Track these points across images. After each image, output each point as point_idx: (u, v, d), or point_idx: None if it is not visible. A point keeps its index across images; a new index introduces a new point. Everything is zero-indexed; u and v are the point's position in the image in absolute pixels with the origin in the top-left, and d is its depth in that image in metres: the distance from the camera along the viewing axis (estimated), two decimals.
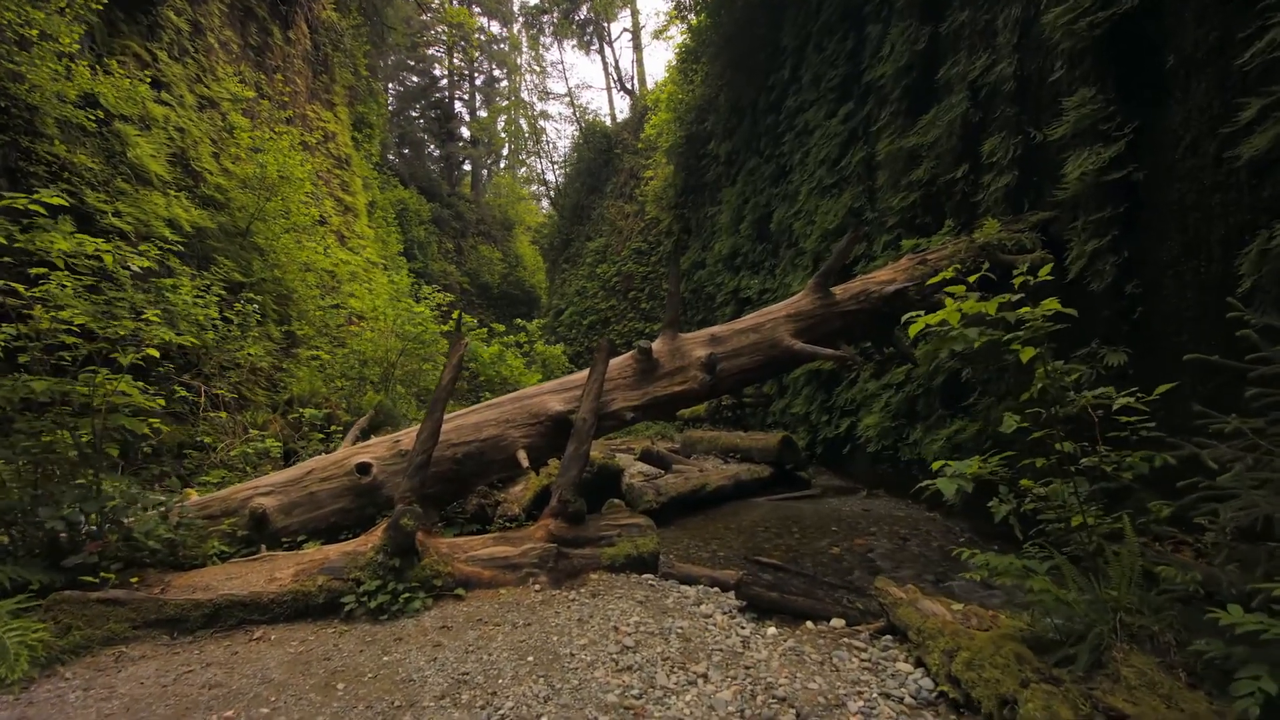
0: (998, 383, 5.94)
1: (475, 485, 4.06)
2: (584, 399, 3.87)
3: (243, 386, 9.05)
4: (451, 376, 3.59)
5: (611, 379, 4.14)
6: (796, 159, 11.78)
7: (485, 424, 3.98)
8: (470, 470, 3.91)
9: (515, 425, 3.98)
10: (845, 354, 4.18)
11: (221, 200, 9.52)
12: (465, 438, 3.92)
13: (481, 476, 3.96)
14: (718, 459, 9.91)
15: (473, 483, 3.98)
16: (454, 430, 3.95)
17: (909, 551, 5.12)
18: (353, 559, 3.13)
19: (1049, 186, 5.47)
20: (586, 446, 3.81)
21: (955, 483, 2.79)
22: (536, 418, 4.00)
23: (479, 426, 3.97)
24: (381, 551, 3.08)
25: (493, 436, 3.94)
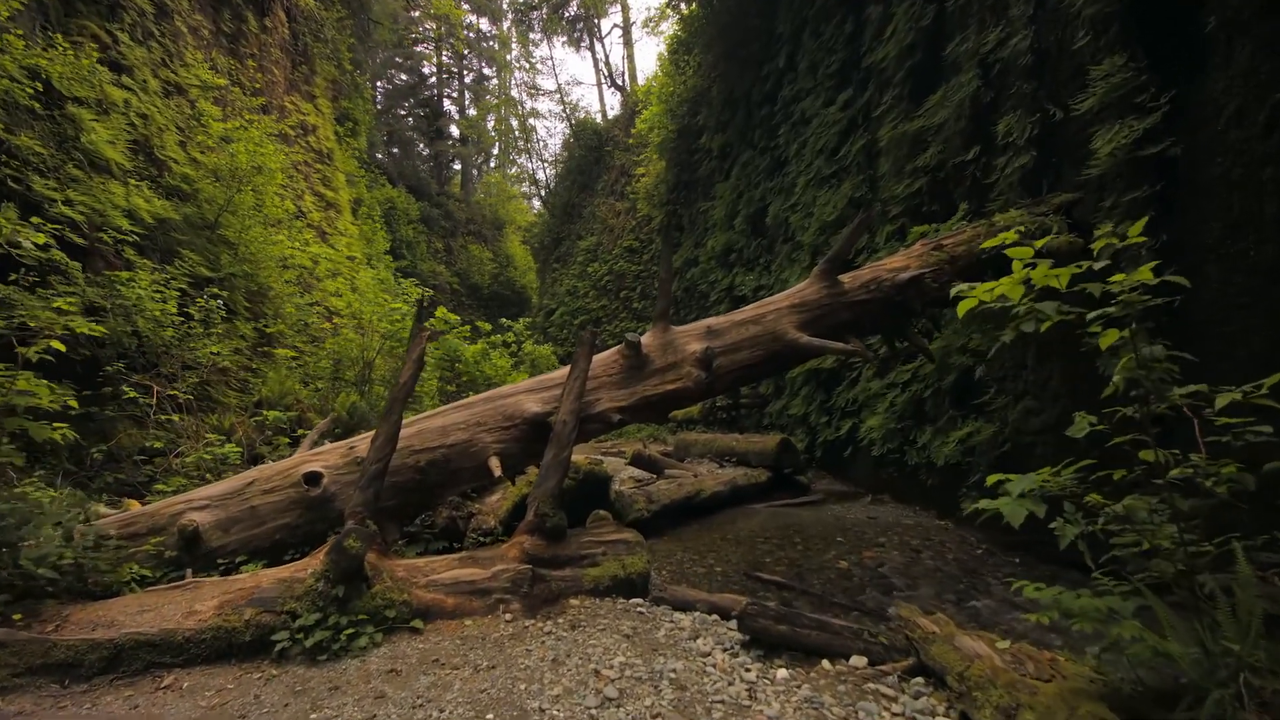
0: (1014, 380, 5.53)
1: (442, 496, 3.59)
2: (564, 399, 3.42)
3: (211, 387, 8.55)
4: (411, 374, 3.13)
5: (595, 377, 3.69)
6: (793, 150, 11.36)
7: (452, 427, 3.51)
8: (435, 480, 3.45)
9: (487, 429, 3.52)
10: (855, 348, 3.74)
11: (188, 191, 9.00)
12: (429, 443, 3.46)
13: (449, 487, 3.50)
14: (713, 463, 9.47)
15: (439, 494, 3.52)
16: (416, 435, 3.48)
17: (923, 565, 4.68)
18: (288, 587, 2.65)
19: (1070, 168, 5.06)
20: (567, 453, 3.36)
21: (1022, 506, 2.29)
22: (511, 420, 3.54)
23: (445, 430, 3.50)
24: (322, 579, 2.60)
25: (461, 441, 3.48)
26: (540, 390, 3.66)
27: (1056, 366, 5.11)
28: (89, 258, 7.10)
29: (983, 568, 4.64)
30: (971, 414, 5.95)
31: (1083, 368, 4.86)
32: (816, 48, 10.49)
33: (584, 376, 3.48)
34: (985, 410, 5.69)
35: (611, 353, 3.84)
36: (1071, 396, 4.91)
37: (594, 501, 5.22)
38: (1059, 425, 4.98)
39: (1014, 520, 2.20)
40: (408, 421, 3.59)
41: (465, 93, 44.10)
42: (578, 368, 3.47)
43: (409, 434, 3.47)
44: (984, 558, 4.91)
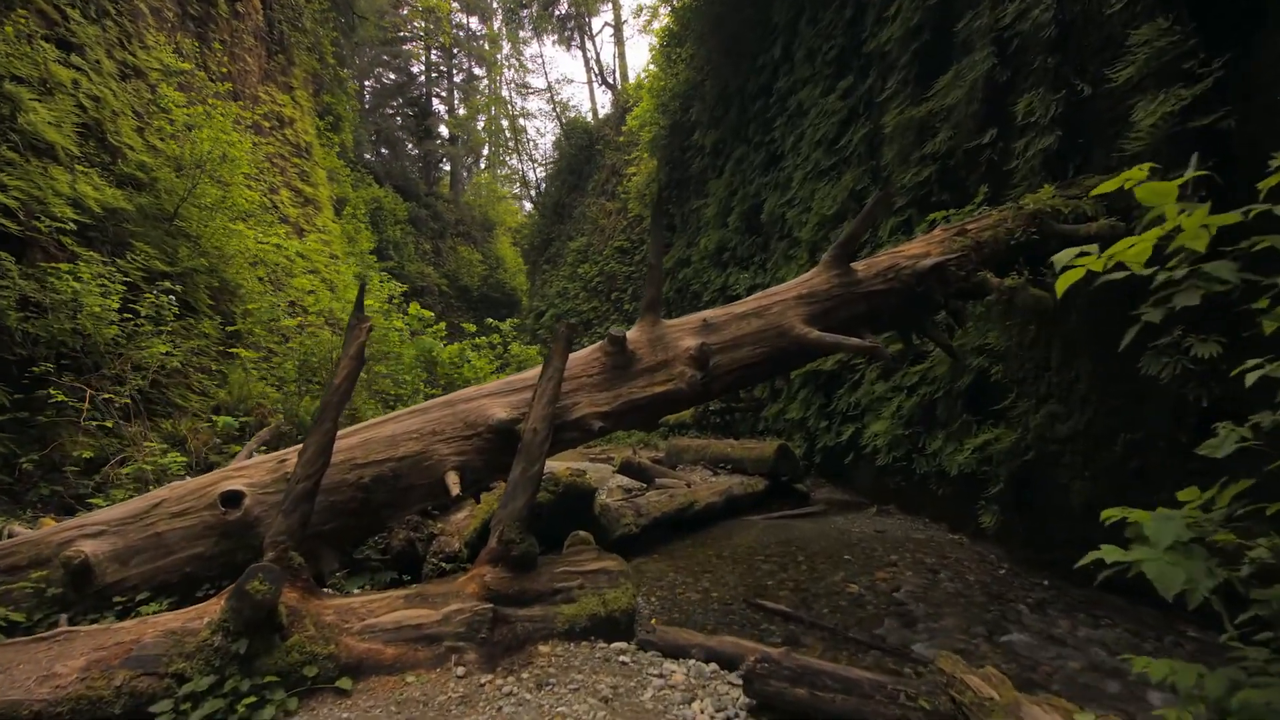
0: (1036, 383, 5.05)
1: (392, 518, 3.06)
2: (534, 403, 2.90)
3: (167, 390, 7.96)
4: (347, 374, 2.60)
5: (573, 377, 3.17)
6: (789, 143, 10.90)
7: (403, 437, 2.97)
8: (382, 499, 2.91)
9: (445, 438, 2.99)
10: (872, 345, 3.24)
11: (144, 180, 8.41)
12: (375, 455, 2.92)
13: (399, 507, 2.97)
14: (706, 470, 8.95)
15: (386, 515, 2.98)
16: (360, 446, 2.94)
17: (943, 589, 4.18)
18: (178, 641, 2.10)
19: (1100, 148, 4.59)
20: (538, 467, 2.84)
21: (1177, 567, 1.63)
22: (473, 428, 3.01)
23: (394, 441, 2.96)
24: (220, 630, 2.07)
25: (413, 454, 2.94)
26: (508, 393, 3.13)
27: (1085, 367, 4.63)
28: (26, 248, 6.52)
29: (1009, 591, 4.15)
30: (988, 419, 5.47)
31: (1115, 367, 4.39)
32: (814, 35, 10.04)
33: (559, 377, 2.96)
34: (1004, 415, 5.21)
35: (592, 350, 3.32)
36: (1103, 400, 4.43)
37: (575, 518, 4.69)
38: (1089, 432, 4.50)
39: (1166, 588, 1.56)
40: (350, 430, 3.06)
41: (455, 92, 43.57)
42: (551, 367, 2.95)
43: (350, 445, 2.94)
44: (1008, 579, 4.42)
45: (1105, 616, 3.75)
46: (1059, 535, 4.59)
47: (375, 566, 3.38)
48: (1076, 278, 1.62)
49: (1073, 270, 1.61)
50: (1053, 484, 4.69)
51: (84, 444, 6.09)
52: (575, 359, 3.28)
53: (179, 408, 8.04)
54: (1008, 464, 4.97)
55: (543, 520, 4.47)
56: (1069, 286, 1.67)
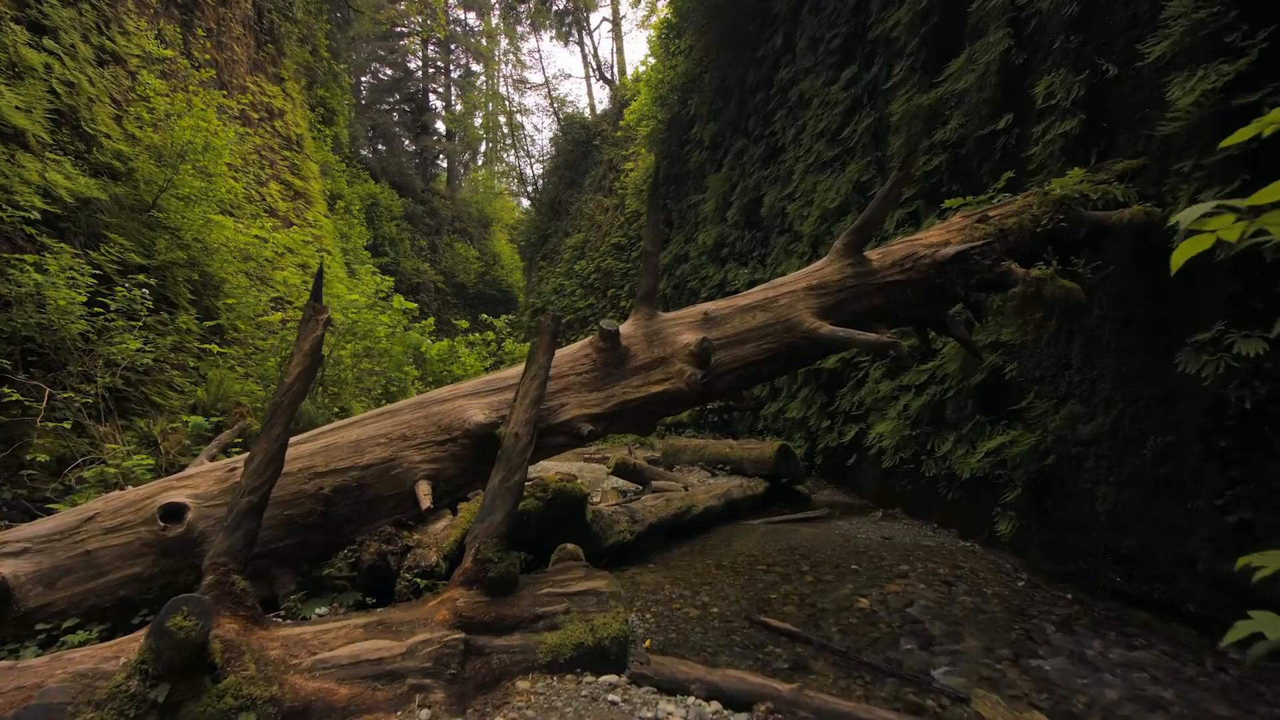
0: (1055, 381, 4.76)
1: (356, 534, 2.75)
2: (515, 405, 2.60)
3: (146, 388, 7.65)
4: (300, 371, 2.29)
5: (561, 375, 2.86)
6: (790, 135, 10.60)
7: (370, 442, 2.66)
8: (346, 512, 2.60)
9: (416, 443, 2.68)
10: (891, 340, 2.94)
11: (121, 169, 8.09)
12: (337, 464, 2.61)
13: (363, 521, 2.66)
14: (704, 471, 8.67)
15: (350, 530, 2.67)
16: (320, 453, 2.63)
17: (960, 604, 3.89)
18: (88, 686, 1.78)
19: (1126, 131, 4.29)
20: (520, 476, 2.54)
21: None
22: (448, 432, 2.70)
23: (359, 446, 2.66)
24: (137, 674, 1.76)
25: (380, 461, 2.63)
26: (488, 393, 2.82)
27: (1109, 364, 4.34)
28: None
29: (1031, 606, 3.86)
30: (1002, 420, 5.18)
31: (1143, 365, 4.10)
32: (817, 24, 9.73)
33: (543, 375, 2.66)
34: (1021, 416, 4.92)
35: (581, 345, 3.01)
36: (1130, 400, 4.14)
37: (566, 525, 4.40)
38: (1115, 434, 4.21)
39: None
40: (309, 435, 2.75)
41: (452, 87, 43.24)
42: (535, 364, 2.64)
43: (309, 452, 2.63)
44: (1029, 593, 4.13)
45: (1137, 636, 3.46)
46: (1081, 545, 4.31)
47: (340, 585, 3.08)
48: (1202, 247, 1.30)
49: (1200, 237, 1.28)
50: (1074, 490, 4.40)
51: (44, 445, 5.79)
52: (562, 356, 2.98)
53: (158, 407, 7.73)
54: (1025, 468, 4.68)
55: (530, 529, 4.18)
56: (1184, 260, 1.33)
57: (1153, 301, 3.97)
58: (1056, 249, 3.53)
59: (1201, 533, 3.60)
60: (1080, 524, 4.32)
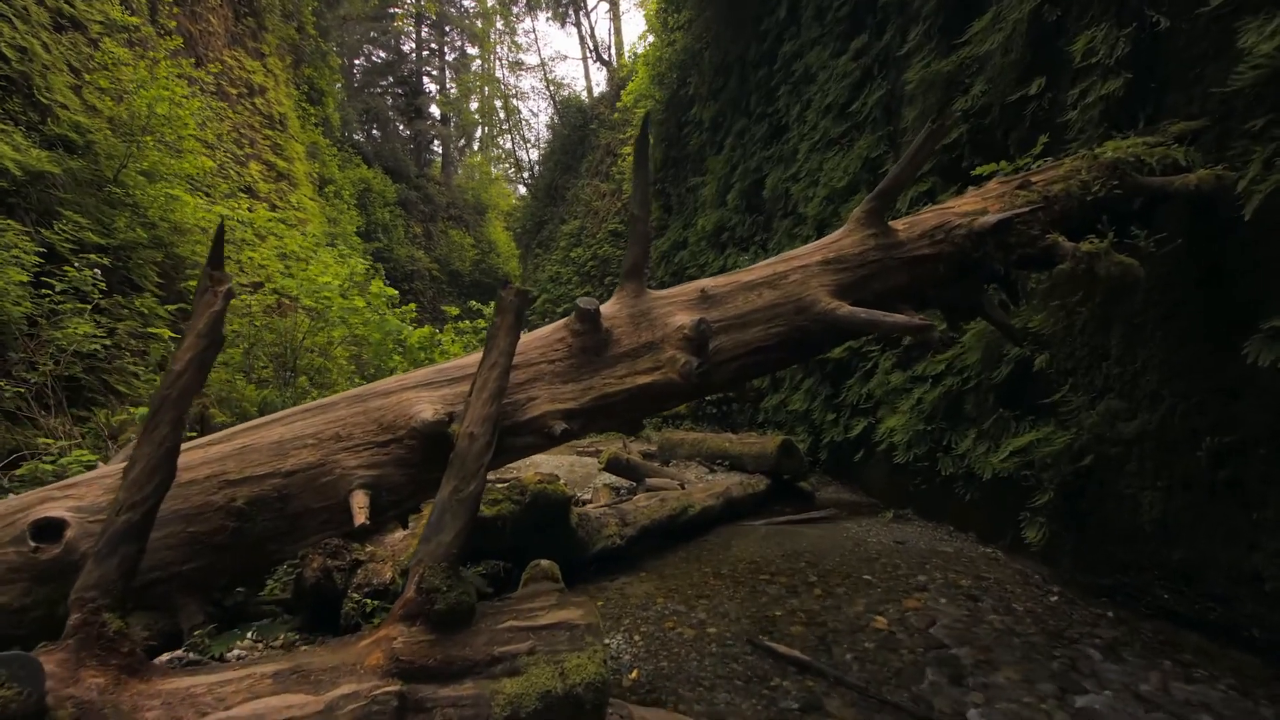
0: (1091, 373, 4.29)
1: (280, 554, 2.26)
2: (471, 399, 2.12)
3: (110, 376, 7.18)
4: (191, 357, 1.81)
5: (530, 363, 2.39)
6: (794, 113, 10.08)
7: (295, 444, 2.19)
8: (264, 529, 2.13)
9: (352, 445, 2.21)
10: (924, 323, 2.46)
11: (79, 142, 7.56)
12: (254, 469, 2.14)
13: (288, 539, 2.18)
14: (702, 466, 8.22)
15: (272, 550, 2.19)
16: (235, 457, 2.15)
17: (989, 624, 3.43)
18: None
19: (1179, 92, 3.80)
20: (475, 485, 2.07)
21: None
22: (391, 431, 2.22)
23: (282, 449, 2.18)
24: None
25: (307, 467, 2.16)
26: (442, 384, 2.34)
27: (1154, 354, 3.87)
28: None
29: (1069, 627, 3.41)
30: (1029, 416, 4.72)
31: (1195, 355, 3.64)
32: None
33: (506, 363, 2.19)
34: (1051, 412, 4.45)
35: (554, 328, 2.53)
36: (1180, 395, 3.67)
37: (546, 532, 3.94)
38: (1162, 434, 3.75)
39: None
40: (225, 435, 2.28)
41: (446, 70, 42.48)
42: (495, 349, 2.17)
43: (221, 455, 2.15)
44: (1064, 609, 3.68)
45: (1196, 665, 3.01)
46: (1122, 556, 3.85)
47: (271, 611, 2.63)
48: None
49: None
50: (1114, 494, 3.94)
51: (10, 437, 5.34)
52: (531, 340, 2.50)
53: (121, 396, 7.27)
54: (1057, 469, 4.21)
55: (505, 536, 3.72)
56: None
57: (1211, 283, 3.51)
58: (1118, 219, 3.05)
59: (1270, 546, 3.14)
60: (1121, 532, 3.86)
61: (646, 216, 2.57)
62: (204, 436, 2.27)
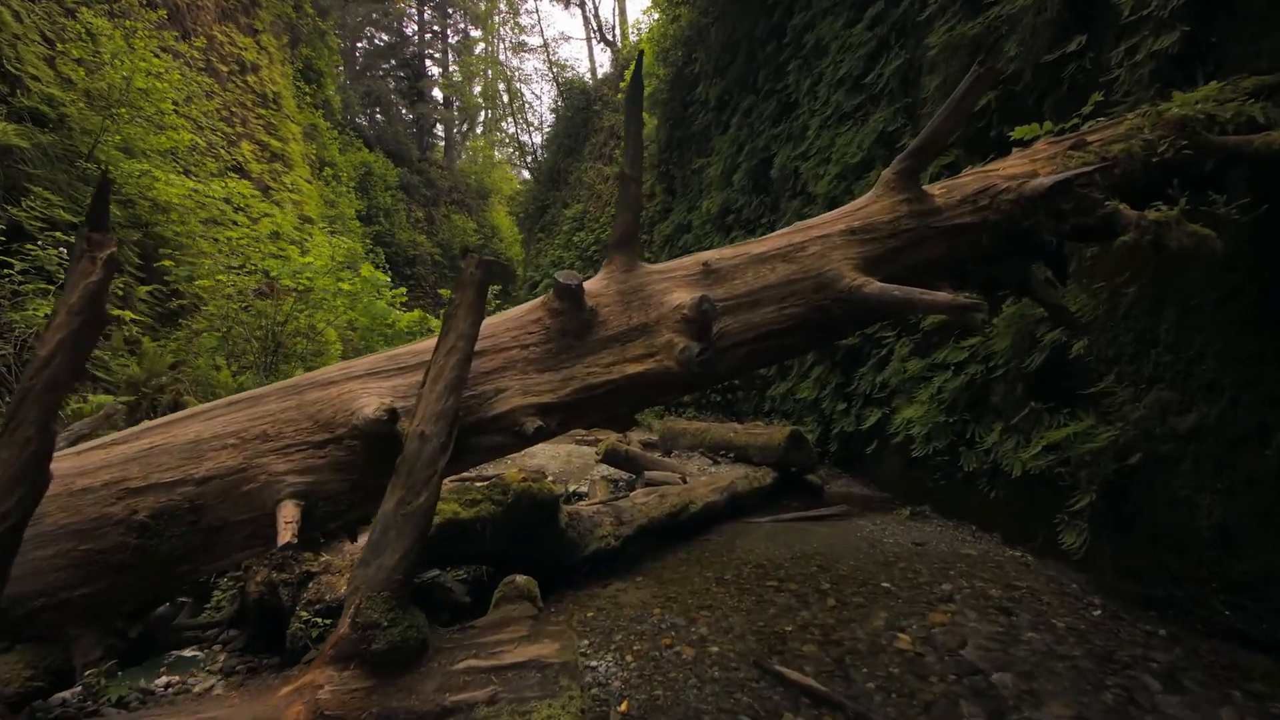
0: (1137, 361, 3.87)
1: (193, 575, 1.88)
2: (424, 391, 1.75)
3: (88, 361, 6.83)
4: (62, 340, 1.44)
5: (500, 348, 2.00)
6: (805, 88, 9.60)
7: (213, 444, 1.81)
8: (174, 546, 1.77)
9: (281, 446, 1.84)
10: (971, 301, 2.05)
11: (51, 115, 7.17)
12: (161, 475, 1.77)
13: (203, 558, 1.81)
14: (705, 457, 7.85)
15: (184, 570, 1.82)
16: (139, 459, 1.78)
17: (1028, 644, 3.05)
18: None
19: (1242, 46, 3.36)
20: (427, 497, 1.70)
21: None
22: (329, 429, 1.85)
23: (197, 451, 1.81)
24: None
25: (226, 472, 1.79)
26: (393, 372, 1.96)
27: (1212, 341, 3.45)
28: None
29: (1119, 647, 3.03)
30: (1064, 408, 4.31)
31: (1262, 342, 3.23)
32: None
33: (466, 348, 1.80)
34: (1092, 403, 4.04)
35: (529, 307, 2.14)
36: (1244, 386, 3.26)
37: (533, 533, 3.58)
38: (1221, 429, 3.34)
39: None
40: (132, 433, 1.91)
41: (449, 53, 41.88)
42: (453, 331, 1.78)
43: (124, 457, 1.78)
44: (1110, 626, 3.29)
45: (1272, 697, 2.62)
46: (1174, 565, 3.46)
47: (192, 638, 2.27)
48: None
49: None
50: (1165, 496, 3.54)
51: None
52: (502, 322, 2.12)
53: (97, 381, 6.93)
54: (1099, 467, 3.81)
55: (485, 539, 3.36)
56: None
57: None
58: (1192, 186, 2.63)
59: None
60: (1173, 539, 3.47)
61: (638, 177, 2.17)
62: (108, 435, 1.90)
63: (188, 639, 2.39)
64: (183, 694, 2.22)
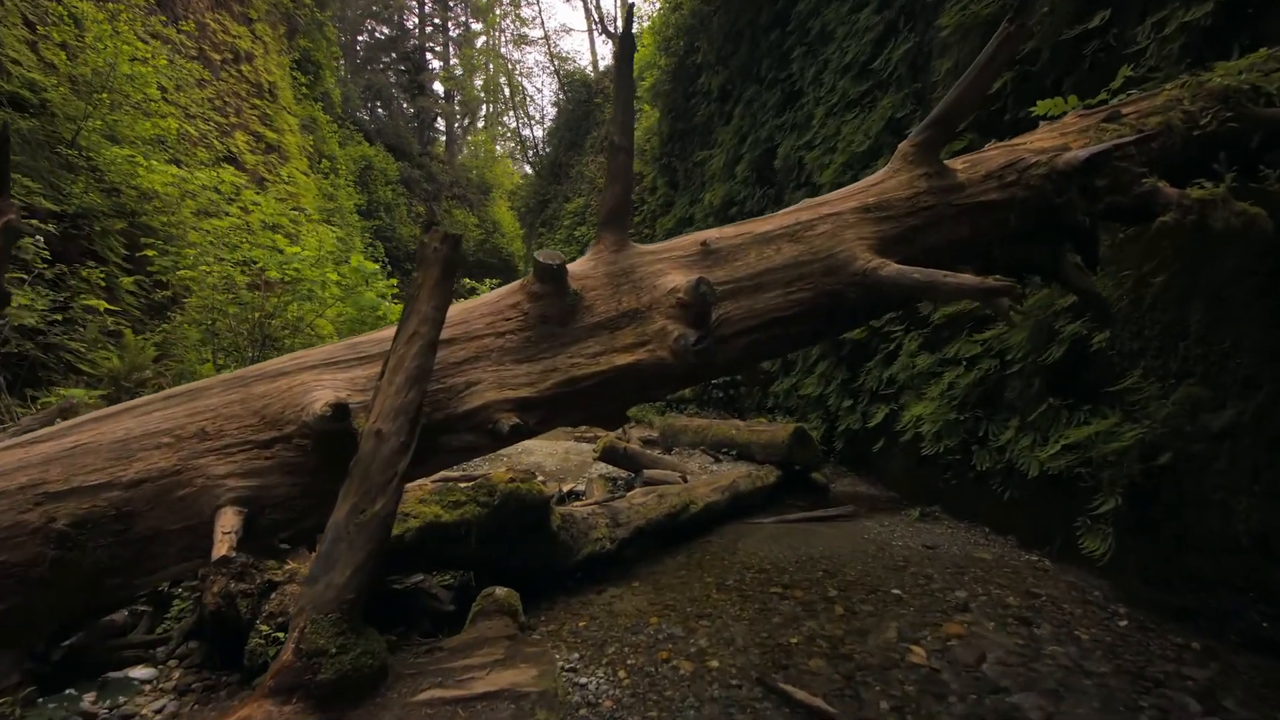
0: (1164, 355, 3.64)
1: (124, 590, 1.67)
2: (381, 385, 1.53)
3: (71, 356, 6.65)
4: None
5: (472, 336, 1.78)
6: (809, 76, 9.35)
7: (145, 442, 1.60)
8: (101, 559, 1.55)
9: (223, 445, 1.63)
10: (1003, 284, 1.82)
11: (33, 101, 6.96)
12: (85, 478, 1.56)
13: (133, 571, 1.60)
14: (707, 455, 7.63)
15: (113, 585, 1.61)
16: (61, 460, 1.56)
17: (1052, 658, 2.83)
18: None
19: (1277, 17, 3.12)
20: (385, 504, 1.48)
21: None
22: (277, 425, 1.63)
23: (126, 450, 1.60)
24: None
25: (159, 475, 1.58)
26: (351, 363, 1.74)
27: (1248, 333, 3.22)
28: None
29: (1151, 662, 2.80)
30: (1084, 405, 4.09)
31: None
32: None
33: (431, 335, 1.58)
34: (1115, 400, 3.81)
35: (506, 291, 1.92)
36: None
37: (522, 535, 3.37)
38: (1258, 427, 3.11)
39: None
40: (55, 431, 1.69)
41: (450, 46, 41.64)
42: (415, 315, 1.56)
43: (44, 457, 1.56)
44: (1139, 639, 3.07)
45: None
46: (1207, 573, 3.23)
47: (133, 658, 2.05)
48: None
49: None
50: (1196, 499, 3.31)
51: None
52: (475, 307, 1.90)
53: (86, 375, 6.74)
54: (1124, 468, 3.58)
55: (469, 543, 3.15)
56: None
57: None
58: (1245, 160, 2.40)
59: None
60: (1205, 544, 3.24)
61: (629, 147, 1.95)
62: (35, 432, 1.69)
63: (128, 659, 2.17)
64: (131, 718, 2.02)
